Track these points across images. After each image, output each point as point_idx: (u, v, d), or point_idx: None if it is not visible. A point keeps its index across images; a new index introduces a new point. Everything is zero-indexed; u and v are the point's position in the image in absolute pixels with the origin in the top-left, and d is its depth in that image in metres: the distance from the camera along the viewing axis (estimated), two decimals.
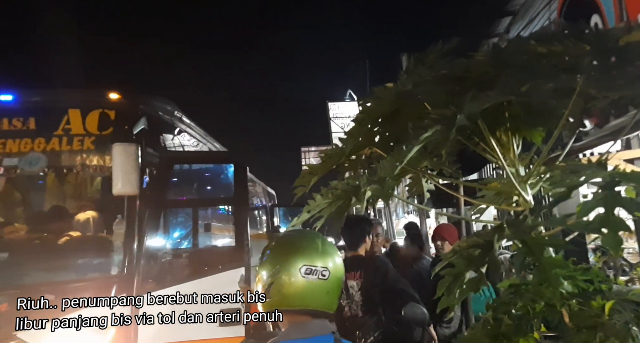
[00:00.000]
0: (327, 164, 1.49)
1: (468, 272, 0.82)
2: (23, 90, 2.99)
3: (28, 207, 3.42)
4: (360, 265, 2.63)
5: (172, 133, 3.52)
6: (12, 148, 2.73)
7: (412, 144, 1.04)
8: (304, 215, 1.42)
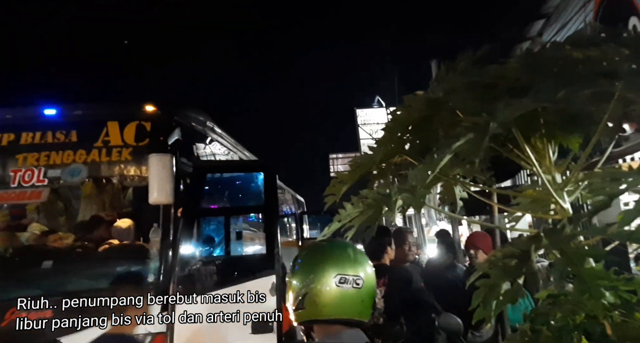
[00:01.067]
0: (356, 172, 1.49)
1: (505, 283, 0.81)
2: (65, 104, 3.14)
3: (70, 216, 3.57)
4: (384, 273, 2.63)
5: (204, 142, 3.61)
6: (55, 160, 2.87)
7: (444, 152, 1.03)
8: (334, 225, 1.42)
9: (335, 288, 1.13)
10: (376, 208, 1.34)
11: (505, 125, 0.80)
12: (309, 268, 1.18)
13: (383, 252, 2.71)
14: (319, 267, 1.16)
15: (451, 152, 0.99)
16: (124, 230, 3.11)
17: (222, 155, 4.09)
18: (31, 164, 2.85)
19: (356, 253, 1.21)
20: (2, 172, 2.87)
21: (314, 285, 1.14)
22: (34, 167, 2.84)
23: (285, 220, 8.07)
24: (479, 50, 1.12)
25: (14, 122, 3.05)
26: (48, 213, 3.54)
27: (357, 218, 1.39)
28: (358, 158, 1.51)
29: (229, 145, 4.28)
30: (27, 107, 3.19)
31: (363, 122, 19.33)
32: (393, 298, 2.51)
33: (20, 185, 2.81)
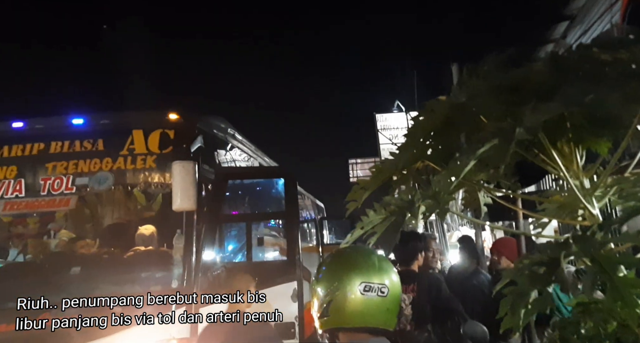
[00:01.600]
0: (378, 178, 1.48)
1: (533, 291, 0.79)
2: (93, 114, 3.23)
3: (96, 223, 3.65)
4: (413, 279, 2.60)
5: (225, 149, 3.66)
6: (83, 168, 2.94)
7: (468, 157, 1.02)
8: (357, 231, 1.42)
9: (360, 296, 1.12)
10: (399, 215, 1.33)
11: (532, 130, 0.78)
12: (333, 276, 1.17)
13: (414, 257, 2.67)
14: (344, 274, 1.15)
15: (476, 157, 0.98)
16: (147, 237, 3.16)
17: (242, 161, 4.13)
18: (60, 172, 2.93)
19: (381, 261, 1.20)
20: (32, 181, 2.96)
21: (339, 292, 1.13)
22: (62, 175, 2.92)
23: (305, 225, 8.06)
24: (501, 53, 1.11)
25: (44, 131, 3.15)
26: (75, 220, 3.63)
27: (380, 225, 1.38)
28: (380, 164, 1.51)
29: (249, 152, 4.32)
30: (56, 117, 3.30)
31: (382, 127, 19.23)
32: (422, 305, 2.48)
33: (50, 193, 2.90)
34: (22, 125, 3.18)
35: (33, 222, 3.49)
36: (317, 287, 1.19)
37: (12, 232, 3.50)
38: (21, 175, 2.97)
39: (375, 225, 1.39)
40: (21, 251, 3.45)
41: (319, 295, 1.17)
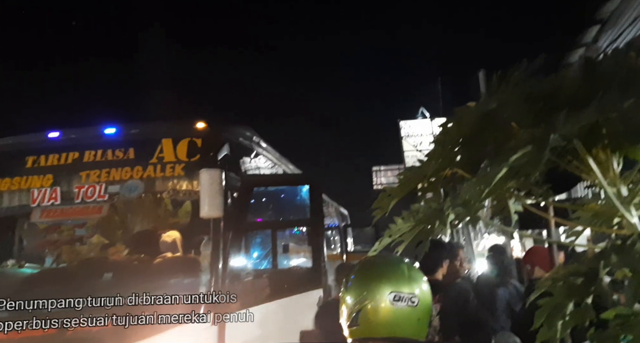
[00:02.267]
0: (406, 186, 1.47)
1: (570, 303, 0.77)
2: (124, 123, 3.34)
3: (127, 230, 3.74)
4: (438, 289, 2.54)
5: (251, 157, 3.71)
6: (115, 176, 3.03)
7: (499, 165, 1.01)
8: (385, 240, 1.41)
9: (389, 306, 1.11)
10: (428, 223, 1.31)
11: (567, 137, 0.77)
12: (362, 285, 1.16)
13: (437, 266, 2.61)
14: (373, 283, 1.14)
15: (508, 165, 0.96)
16: (170, 243, 3.22)
17: (267, 169, 4.17)
18: (93, 181, 3.03)
19: (411, 270, 1.18)
20: (67, 189, 3.07)
21: (368, 302, 1.12)
22: (95, 184, 3.02)
23: (329, 233, 8.04)
24: (532, 60, 1.09)
25: (78, 141, 3.27)
26: (106, 227, 3.74)
27: (408, 233, 1.37)
28: (407, 171, 1.50)
29: (273, 159, 4.37)
30: (89, 127, 3.42)
31: (407, 134, 19.10)
32: (449, 316, 2.42)
33: (83, 201, 3.00)
34: (58, 135, 3.31)
35: (67, 229, 3.61)
36: (346, 295, 1.18)
37: (47, 239, 3.63)
38: (57, 183, 3.08)
39: (403, 233, 1.38)
40: (56, 257, 3.57)
41: (348, 304, 1.17)
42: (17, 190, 3.09)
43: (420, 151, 17.24)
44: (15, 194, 3.09)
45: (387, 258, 1.27)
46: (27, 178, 3.08)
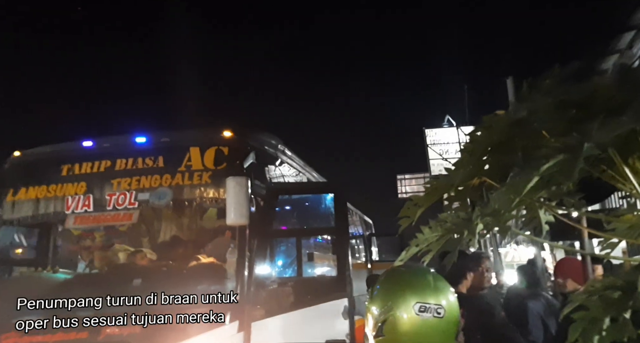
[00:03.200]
0: (433, 195, 1.46)
1: (607, 317, 0.74)
2: (154, 132, 3.42)
3: (156, 236, 3.82)
4: (462, 303, 2.46)
5: (275, 164, 3.74)
6: (144, 184, 3.11)
7: (530, 174, 0.99)
8: (412, 249, 1.39)
9: (415, 317, 1.09)
10: (456, 232, 1.29)
11: (602, 146, 0.75)
12: (387, 295, 1.15)
13: (461, 278, 2.53)
14: (398, 294, 1.13)
15: (539, 173, 0.94)
16: (203, 250, 3.26)
17: (291, 177, 4.19)
18: (124, 188, 3.11)
19: (437, 281, 1.17)
20: (100, 196, 3.16)
21: (393, 312, 1.11)
22: (126, 191, 3.10)
23: (353, 242, 7.99)
24: (564, 66, 1.07)
25: (110, 149, 3.37)
26: (136, 234, 3.82)
27: (435, 243, 1.35)
28: (433, 180, 1.48)
29: (298, 167, 4.39)
30: (121, 136, 3.52)
31: (432, 142, 18.89)
32: (472, 332, 2.33)
33: (115, 208, 3.08)
34: (91, 144, 3.41)
35: (99, 235, 3.71)
36: (371, 305, 1.18)
37: (80, 245, 3.74)
38: (90, 191, 3.17)
39: (430, 242, 1.36)
40: (88, 263, 3.67)
41: (374, 314, 1.16)
42: (52, 198, 3.20)
43: (446, 159, 17.00)
44: (51, 201, 3.20)
45: (413, 269, 1.26)
46: (62, 186, 3.19)
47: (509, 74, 7.90)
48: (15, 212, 3.24)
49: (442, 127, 19.24)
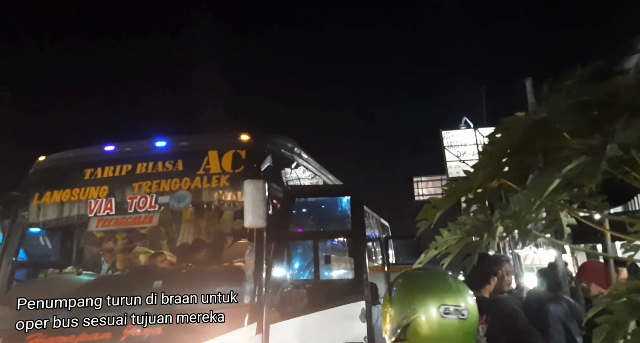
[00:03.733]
0: (452, 197, 1.45)
1: (632, 321, 0.73)
2: (173, 136, 3.48)
3: (175, 239, 3.87)
4: (485, 308, 2.41)
5: (291, 167, 3.76)
6: (164, 187, 3.16)
7: (551, 176, 0.98)
8: (431, 252, 1.39)
9: (440, 319, 1.09)
10: (476, 235, 1.28)
11: (625, 147, 0.74)
12: (409, 298, 1.14)
13: (485, 282, 2.48)
14: (421, 296, 1.13)
15: (561, 175, 0.94)
16: (222, 253, 3.30)
17: (307, 180, 4.21)
18: (145, 191, 3.17)
19: (457, 283, 1.17)
20: (121, 199, 3.22)
21: (417, 315, 1.10)
22: (147, 194, 3.15)
23: (370, 245, 7.96)
24: (585, 66, 1.06)
25: (132, 154, 3.44)
26: (156, 237, 3.89)
27: (454, 246, 1.34)
28: (452, 182, 1.48)
29: (314, 170, 4.40)
30: (142, 140, 3.59)
31: (449, 143, 18.70)
32: (495, 338, 2.28)
33: (136, 211, 3.14)
34: (113, 148, 3.49)
35: (121, 238, 3.78)
36: (390, 309, 1.17)
37: (103, 247, 3.82)
38: (111, 194, 3.24)
39: (449, 245, 1.35)
40: (111, 265, 3.75)
41: (394, 318, 1.15)
42: (76, 201, 3.27)
43: (464, 161, 16.81)
44: (74, 204, 3.28)
45: (432, 271, 1.25)
46: (85, 190, 3.27)
47: (527, 74, 7.75)
48: (41, 215, 3.33)
49: (459, 128, 19.03)
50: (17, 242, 3.43)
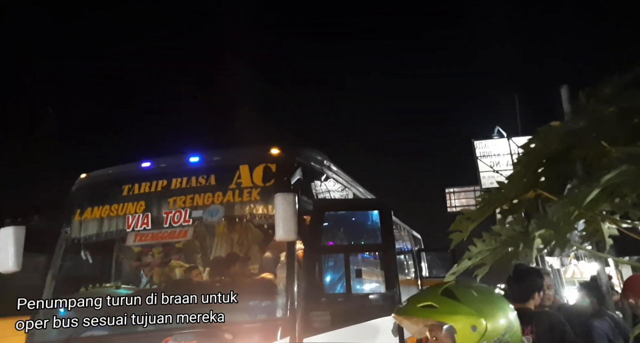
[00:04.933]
0: (486, 208, 1.43)
1: None
2: (206, 151, 3.56)
3: (208, 252, 3.94)
4: (531, 319, 2.35)
5: (322, 180, 3.77)
6: (198, 202, 3.23)
7: (590, 186, 0.95)
8: (464, 262, 1.36)
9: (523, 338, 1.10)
10: (511, 246, 1.26)
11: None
12: (501, 315, 1.13)
13: (530, 296, 2.43)
14: (509, 315, 1.13)
15: (600, 185, 0.91)
16: (254, 266, 3.32)
17: (337, 192, 4.21)
18: (179, 206, 3.25)
19: (500, 299, 1.16)
20: (157, 214, 3.31)
21: (510, 334, 1.11)
22: (181, 209, 3.23)
23: (402, 257, 7.84)
24: (623, 73, 1.03)
25: (166, 170, 3.54)
26: (191, 251, 3.96)
27: (489, 257, 1.32)
28: (486, 193, 1.45)
29: (344, 182, 4.40)
30: (176, 156, 3.69)
31: (482, 154, 18.30)
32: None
33: (171, 225, 3.22)
34: (149, 164, 3.60)
35: (157, 252, 3.87)
36: (481, 322, 1.13)
37: (140, 261, 3.91)
38: (148, 209, 3.33)
39: (484, 256, 1.33)
40: (149, 279, 3.83)
41: (491, 335, 1.13)
42: (115, 216, 3.39)
43: (498, 171, 16.40)
44: (113, 220, 3.40)
45: (490, 290, 1.23)
46: (123, 205, 3.38)
47: (562, 82, 7.51)
48: (82, 230, 3.45)
49: (492, 138, 18.63)
50: (61, 258, 3.56)
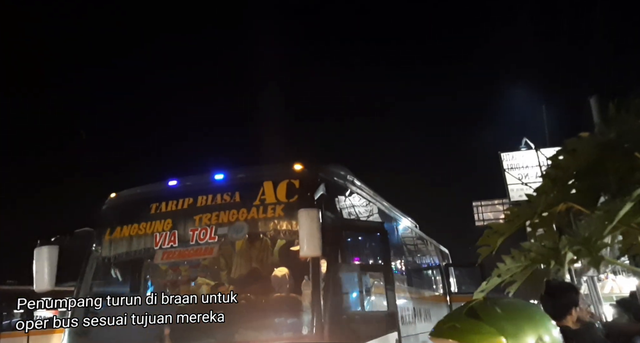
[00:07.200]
0: (514, 222, 1.39)
1: None
2: (231, 169, 3.61)
3: (233, 269, 3.94)
4: (572, 336, 2.26)
5: (345, 195, 3.75)
6: (223, 219, 3.25)
7: (623, 199, 0.92)
8: (494, 280, 1.33)
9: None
10: (542, 262, 1.22)
11: None
12: (528, 331, 1.10)
13: (567, 312, 2.36)
14: (538, 330, 1.09)
15: (633, 199, 0.88)
16: (279, 283, 3.31)
17: (361, 207, 4.18)
18: (205, 224, 3.27)
19: (543, 315, 1.13)
20: (183, 232, 3.35)
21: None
22: (207, 226, 3.26)
23: (430, 273, 7.67)
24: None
25: (192, 188, 3.58)
26: (216, 268, 3.98)
27: (519, 274, 1.28)
28: (514, 207, 1.42)
29: (367, 197, 4.37)
30: (202, 174, 3.74)
31: (510, 166, 17.89)
32: None
33: (197, 243, 3.24)
34: (176, 183, 3.66)
35: (184, 269, 3.91)
36: (506, 341, 1.10)
37: (168, 279, 3.95)
38: (175, 227, 3.37)
39: (514, 273, 1.29)
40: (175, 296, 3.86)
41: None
42: (143, 235, 3.44)
43: (526, 184, 15.98)
44: (141, 238, 3.45)
45: (504, 302, 1.19)
46: (151, 223, 3.43)
47: (592, 92, 7.29)
48: (112, 249, 3.51)
49: (519, 150, 18.23)
50: (91, 276, 3.62)
